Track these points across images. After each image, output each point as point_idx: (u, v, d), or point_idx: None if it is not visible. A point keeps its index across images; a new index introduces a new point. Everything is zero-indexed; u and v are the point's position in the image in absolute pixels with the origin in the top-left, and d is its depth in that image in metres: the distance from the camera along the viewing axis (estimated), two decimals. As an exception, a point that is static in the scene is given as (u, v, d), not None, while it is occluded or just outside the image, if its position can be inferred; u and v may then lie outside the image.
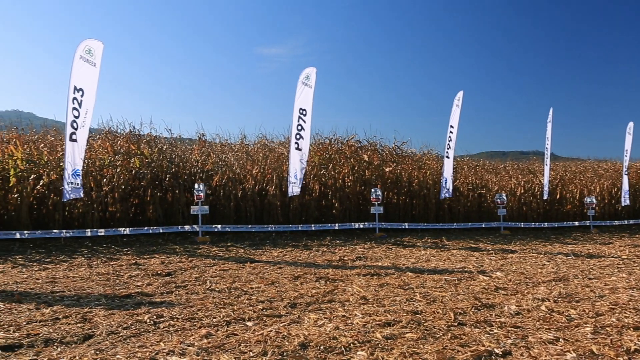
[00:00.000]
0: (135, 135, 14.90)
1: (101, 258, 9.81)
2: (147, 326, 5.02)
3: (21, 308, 5.76)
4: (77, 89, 10.81)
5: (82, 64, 10.86)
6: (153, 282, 7.45)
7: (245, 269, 8.76)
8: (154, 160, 13.86)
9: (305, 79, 13.91)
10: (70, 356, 4.13)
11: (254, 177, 14.82)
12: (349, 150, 17.27)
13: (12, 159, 12.03)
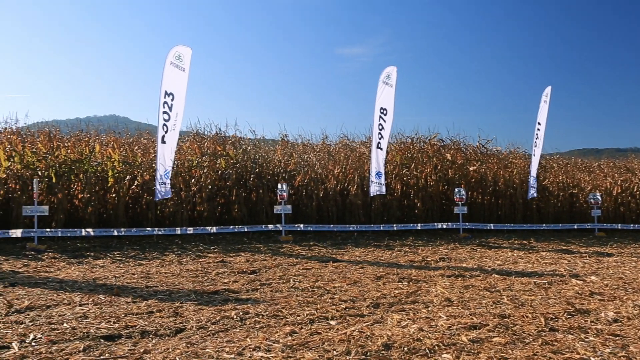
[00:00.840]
0: (221, 136, 15.43)
1: (190, 255, 10.23)
2: (234, 322, 5.18)
3: (120, 301, 6.12)
4: (168, 93, 11.34)
5: (172, 70, 11.38)
6: (239, 280, 7.68)
7: (328, 268, 8.83)
8: (239, 161, 14.29)
9: (386, 78, 13.83)
10: (164, 348, 4.34)
11: (335, 176, 14.92)
12: (431, 149, 17.00)
13: (110, 161, 12.82)
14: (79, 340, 4.51)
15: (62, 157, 12.45)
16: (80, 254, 10.13)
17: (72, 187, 12.34)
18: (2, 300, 6.01)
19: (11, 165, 11.79)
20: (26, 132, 14.10)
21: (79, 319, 5.25)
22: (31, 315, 5.40)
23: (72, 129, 16.44)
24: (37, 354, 4.13)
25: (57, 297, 6.31)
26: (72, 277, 7.81)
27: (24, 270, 8.39)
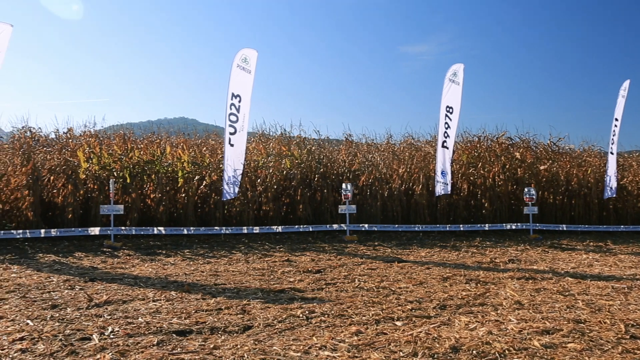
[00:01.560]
0: (286, 137, 15.63)
1: (257, 254, 10.43)
2: (300, 321, 5.24)
3: (190, 298, 6.32)
4: (235, 95, 11.61)
5: (239, 72, 11.65)
6: (304, 279, 7.75)
7: (393, 269, 8.77)
8: (304, 161, 14.43)
9: (452, 76, 13.58)
10: (233, 344, 4.44)
11: (400, 176, 14.79)
12: (499, 148, 16.52)
13: (180, 162, 13.27)
14: (153, 334, 4.70)
15: (135, 159, 13.00)
16: (152, 251, 10.55)
17: (145, 187, 12.87)
18: (83, 295, 6.35)
19: (90, 166, 12.42)
20: (103, 135, 14.80)
21: (153, 314, 5.46)
22: (109, 309, 5.67)
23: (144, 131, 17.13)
24: (115, 346, 4.33)
25: (132, 292, 6.59)
26: (145, 273, 8.14)
27: (101, 266, 8.82)
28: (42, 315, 5.34)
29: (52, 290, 6.70)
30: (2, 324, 5.00)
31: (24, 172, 11.66)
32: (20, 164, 11.95)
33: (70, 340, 4.50)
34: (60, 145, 13.32)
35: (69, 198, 11.92)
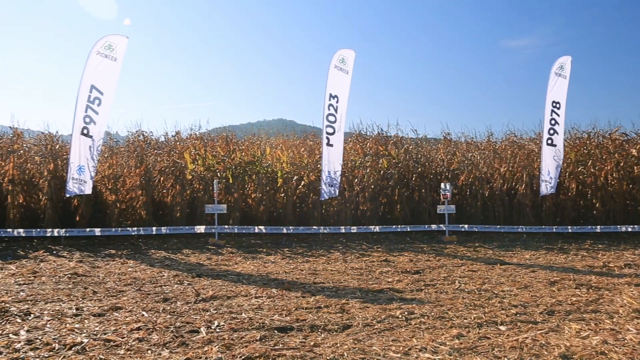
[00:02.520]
0: (383, 136, 15.56)
1: (354, 254, 10.48)
2: (399, 321, 5.20)
3: (290, 295, 6.48)
4: (333, 96, 11.74)
5: (336, 73, 11.76)
6: (403, 279, 7.68)
7: (495, 271, 8.47)
8: (401, 161, 14.30)
9: (558, 70, 12.88)
10: (332, 343, 4.50)
11: (502, 175, 14.24)
12: (612, 144, 15.40)
13: (279, 162, 13.62)
14: (256, 330, 4.86)
15: (237, 160, 13.52)
16: (254, 249, 10.91)
17: (246, 187, 13.34)
18: (191, 289, 6.70)
19: (195, 167, 13.07)
20: (207, 137, 15.52)
21: (255, 310, 5.65)
22: (215, 304, 5.94)
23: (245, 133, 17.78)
24: (220, 340, 4.53)
25: (236, 288, 6.86)
26: (247, 271, 8.44)
27: (207, 263, 9.26)
28: (155, 308, 5.69)
29: (163, 284, 7.13)
30: (122, 314, 5.40)
31: (137, 174, 12.49)
32: (135, 165, 12.82)
33: (180, 332, 4.76)
34: (169, 147, 14.14)
35: (177, 198, 12.62)
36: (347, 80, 11.94)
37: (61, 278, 7.45)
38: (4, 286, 6.81)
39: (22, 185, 11.71)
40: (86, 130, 10.64)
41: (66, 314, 5.39)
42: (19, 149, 12.44)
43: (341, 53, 11.87)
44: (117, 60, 10.75)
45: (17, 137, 12.66)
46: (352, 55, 11.98)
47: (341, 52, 11.87)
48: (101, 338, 4.55)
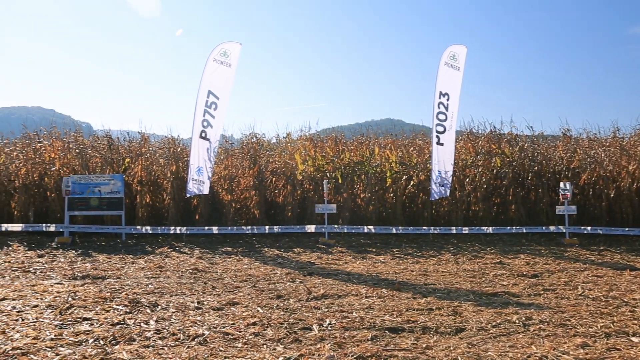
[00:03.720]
0: (496, 134, 14.95)
1: (466, 255, 10.18)
2: (516, 327, 4.97)
3: (400, 296, 6.42)
4: (443, 93, 11.49)
5: (446, 70, 11.50)
6: (519, 283, 7.34)
7: (624, 277, 7.84)
8: (515, 159, 13.67)
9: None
10: (445, 346, 4.40)
11: (630, 174, 13.14)
12: None
13: (388, 162, 13.56)
14: (367, 329, 4.87)
15: (346, 160, 13.64)
16: (363, 249, 10.94)
17: (355, 187, 13.42)
18: (303, 287, 6.86)
19: (306, 168, 13.37)
20: (317, 138, 15.80)
21: (366, 309, 5.67)
22: (326, 302, 6.03)
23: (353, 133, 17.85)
24: (332, 338, 4.59)
25: (346, 287, 6.92)
26: (357, 270, 8.49)
27: (317, 261, 9.44)
28: (269, 304, 5.90)
29: (276, 282, 7.37)
30: (239, 309, 5.65)
31: (251, 174, 13.02)
32: (248, 166, 13.36)
33: (294, 328, 4.89)
34: (280, 149, 14.58)
35: (288, 198, 13.00)
36: (458, 77, 11.63)
37: (183, 273, 7.94)
38: (135, 279, 7.39)
39: (149, 185, 12.65)
40: (204, 133, 11.26)
41: (189, 306, 5.73)
42: (146, 152, 13.45)
43: (452, 49, 11.59)
44: (232, 66, 11.27)
45: (145, 142, 13.69)
46: (464, 51, 11.66)
47: (452, 49, 11.59)
48: (220, 331, 4.79)
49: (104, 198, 11.74)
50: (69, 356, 4.09)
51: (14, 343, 4.36)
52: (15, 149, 13.42)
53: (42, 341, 4.43)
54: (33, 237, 11.43)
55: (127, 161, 13.04)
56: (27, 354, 4.12)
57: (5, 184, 12.49)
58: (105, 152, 13.38)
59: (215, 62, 11.19)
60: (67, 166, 12.82)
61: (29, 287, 6.72)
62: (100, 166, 13.13)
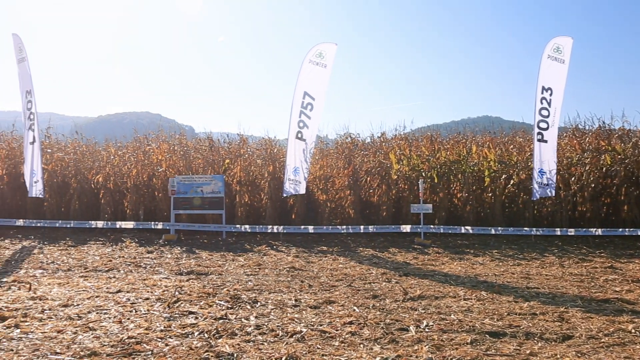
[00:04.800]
0: (605, 130, 14.00)
1: (572, 258, 9.62)
2: (632, 337, 4.63)
3: (501, 299, 6.19)
4: (546, 88, 10.95)
5: (550, 63, 10.95)
6: (634, 289, 6.83)
7: None
8: (628, 156, 12.71)
9: None
10: (551, 353, 4.18)
11: None
12: None
13: (486, 161, 13.12)
14: (466, 332, 4.74)
15: (442, 159, 13.35)
16: (460, 250, 10.66)
17: (452, 186, 13.11)
18: (399, 288, 6.80)
19: (400, 167, 13.25)
20: (412, 137, 15.59)
21: (464, 312, 5.52)
22: (423, 303, 5.94)
23: (449, 132, 17.44)
24: (430, 340, 4.51)
25: (443, 289, 6.78)
26: (454, 272, 8.28)
27: (413, 262, 9.31)
28: (365, 304, 5.90)
29: (372, 281, 7.35)
30: (335, 308, 5.70)
31: (345, 174, 13.10)
32: (343, 166, 13.46)
33: (390, 329, 4.86)
34: (374, 148, 14.54)
35: (383, 197, 12.94)
36: (562, 70, 11.02)
37: (281, 271, 8.14)
38: (236, 276, 7.67)
39: (247, 185, 13.10)
40: (300, 134, 11.47)
41: (286, 304, 5.87)
42: (244, 153, 13.93)
43: (556, 41, 10.99)
44: (327, 66, 11.39)
45: (243, 143, 14.18)
46: (569, 42, 11.03)
47: (556, 40, 11.00)
48: (318, 329, 4.85)
49: (206, 197, 12.30)
50: (177, 347, 4.32)
51: (129, 332, 4.69)
52: (127, 152, 14.39)
53: (153, 332, 4.72)
54: (143, 234, 12.20)
55: (227, 162, 13.58)
56: (141, 343, 4.41)
57: (119, 184, 13.42)
58: (206, 154, 14.02)
59: (311, 64, 11.36)
60: (172, 167, 13.56)
61: (141, 281, 7.18)
62: (202, 167, 13.77)
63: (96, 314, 5.34)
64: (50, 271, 7.89)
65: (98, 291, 6.47)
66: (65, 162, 13.97)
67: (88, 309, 5.52)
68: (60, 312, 5.38)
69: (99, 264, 8.56)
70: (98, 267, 8.21)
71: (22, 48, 11.78)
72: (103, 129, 52.65)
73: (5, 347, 4.30)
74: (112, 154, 14.43)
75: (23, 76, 11.86)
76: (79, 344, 4.38)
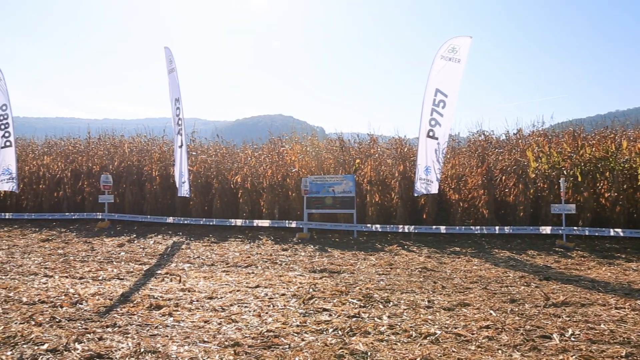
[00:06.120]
0: None
1: None
2: None
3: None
4: None
5: None
6: None
7: None
8: None
9: None
10: None
11: None
12: None
13: (639, 157, 11.93)
14: (619, 345, 4.35)
15: (586, 156, 12.36)
16: (609, 254, 9.80)
17: (598, 185, 12.09)
18: (539, 292, 6.42)
19: (539, 165, 12.49)
20: (551, 133, 14.63)
21: (616, 322, 5.07)
22: (567, 310, 5.55)
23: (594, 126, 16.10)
24: (577, 350, 4.20)
25: (591, 296, 6.28)
26: (603, 277, 7.63)
27: (555, 265, 8.73)
28: (502, 308, 5.64)
29: (509, 285, 7.01)
30: (470, 311, 5.52)
31: (479, 173, 12.62)
32: (476, 165, 12.98)
33: (531, 335, 4.61)
34: (510, 146, 13.85)
35: (519, 197, 12.28)
36: None
37: (413, 271, 8.04)
38: (368, 275, 7.72)
39: (378, 185, 13.12)
40: (432, 132, 11.25)
41: (419, 305, 5.79)
42: (375, 153, 13.97)
43: None
44: (461, 61, 11.03)
45: (373, 143, 14.24)
46: None
47: None
48: (452, 332, 4.73)
49: (337, 197, 12.52)
50: (313, 343, 4.44)
51: (267, 326, 4.91)
52: (262, 153, 15.09)
53: (289, 327, 4.90)
54: (278, 232, 12.71)
55: (358, 162, 13.71)
56: (278, 336, 4.60)
57: (255, 184, 14.12)
58: (337, 154, 14.27)
59: (443, 60, 11.07)
60: (305, 168, 13.97)
61: (277, 277, 7.49)
62: (333, 167, 14.04)
63: (237, 307, 5.66)
64: (197, 265, 8.51)
65: (238, 285, 6.85)
66: (208, 164, 14.97)
67: (230, 302, 5.88)
68: (206, 304, 5.78)
69: (239, 260, 9.07)
70: (238, 263, 8.70)
71: (172, 60, 12.79)
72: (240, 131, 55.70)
73: (161, 333, 4.72)
74: (249, 155, 15.19)
75: (172, 85, 12.89)
76: (223, 334, 4.67)
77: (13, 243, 10.86)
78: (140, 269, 8.06)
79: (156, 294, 6.29)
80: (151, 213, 14.58)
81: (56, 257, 9.21)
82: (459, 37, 11.06)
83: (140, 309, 5.53)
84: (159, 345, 4.38)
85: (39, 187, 15.90)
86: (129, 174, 15.26)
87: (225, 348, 4.32)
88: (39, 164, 16.33)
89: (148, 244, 10.85)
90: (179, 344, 4.41)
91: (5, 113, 14.18)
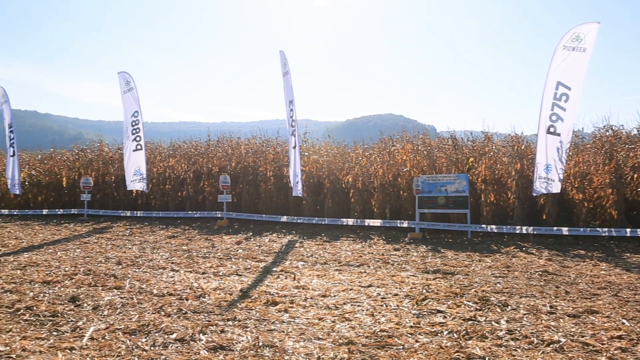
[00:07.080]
0: None
1: None
2: None
3: None
4: None
5: None
6: None
7: None
8: None
9: None
10: None
11: None
12: None
13: None
14: None
15: None
16: None
17: None
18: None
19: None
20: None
21: None
22: None
23: None
24: None
25: None
26: None
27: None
28: (637, 317, 5.19)
29: (644, 292, 6.44)
30: (599, 319, 5.13)
31: (606, 171, 11.70)
32: (602, 162, 12.04)
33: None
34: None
35: (654, 197, 11.24)
36: None
37: (532, 274, 7.63)
38: (483, 277, 7.44)
39: (493, 184, 12.61)
40: (552, 128, 10.61)
41: (540, 310, 5.48)
42: (489, 151, 13.44)
43: None
44: (586, 50, 10.26)
45: (488, 141, 13.70)
46: None
47: None
48: (579, 340, 4.43)
49: (450, 197, 12.20)
50: (427, 344, 4.36)
51: (380, 326, 4.90)
52: (373, 153, 15.08)
53: (403, 327, 4.85)
54: (389, 232, 12.63)
55: (471, 161, 13.26)
56: (392, 337, 4.56)
57: (366, 184, 14.14)
58: (450, 153, 13.91)
59: (566, 50, 10.37)
60: (416, 167, 13.76)
61: (389, 277, 7.45)
62: (445, 166, 13.70)
63: (350, 306, 5.70)
64: (310, 263, 8.69)
65: (351, 284, 6.90)
66: (320, 164, 15.23)
67: (343, 301, 5.93)
68: (320, 302, 5.88)
69: (351, 259, 9.13)
70: (350, 262, 8.76)
71: (286, 63, 13.16)
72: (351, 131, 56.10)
73: (278, 329, 4.87)
74: (360, 155, 15.24)
75: (287, 88, 13.25)
76: (337, 332, 4.72)
77: (144, 239, 11.76)
78: (257, 266, 8.38)
79: (272, 290, 6.50)
80: (266, 212, 15.11)
81: (181, 252, 9.84)
82: (585, 24, 10.31)
83: (258, 305, 5.75)
84: (276, 340, 4.52)
85: (165, 187, 17.09)
86: (246, 175, 15.92)
87: (339, 346, 4.36)
88: (165, 165, 17.53)
89: (263, 242, 11.25)
90: (295, 340, 4.52)
91: (137, 119, 15.37)
